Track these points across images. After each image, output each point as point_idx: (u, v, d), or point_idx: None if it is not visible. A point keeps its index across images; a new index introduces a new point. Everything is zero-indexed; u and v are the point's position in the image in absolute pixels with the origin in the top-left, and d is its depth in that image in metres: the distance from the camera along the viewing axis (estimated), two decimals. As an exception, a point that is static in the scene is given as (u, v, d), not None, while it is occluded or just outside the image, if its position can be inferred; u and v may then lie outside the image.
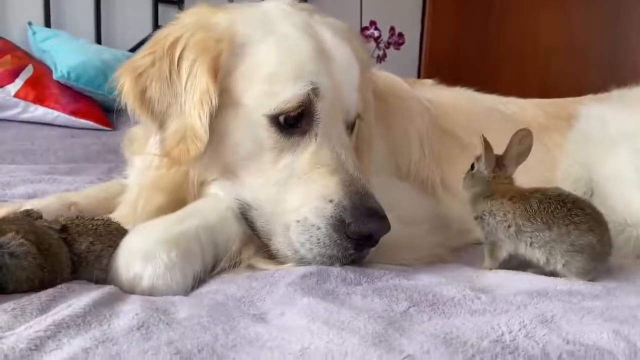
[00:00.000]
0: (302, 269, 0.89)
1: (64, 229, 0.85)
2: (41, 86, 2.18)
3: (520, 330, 0.67)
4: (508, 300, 0.79)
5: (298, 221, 0.90)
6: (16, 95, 2.13)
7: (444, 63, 3.57)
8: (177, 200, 0.99)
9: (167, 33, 1.00)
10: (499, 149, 1.32)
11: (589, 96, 1.46)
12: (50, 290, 0.76)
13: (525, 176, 1.04)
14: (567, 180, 1.30)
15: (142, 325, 0.67)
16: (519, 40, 3.40)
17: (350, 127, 1.02)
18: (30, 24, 2.47)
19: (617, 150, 1.26)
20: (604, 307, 0.76)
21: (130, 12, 2.84)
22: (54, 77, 2.21)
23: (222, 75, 0.94)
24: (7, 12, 2.53)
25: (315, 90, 0.93)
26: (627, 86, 1.45)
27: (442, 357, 0.59)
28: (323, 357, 0.59)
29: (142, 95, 0.96)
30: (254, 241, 0.95)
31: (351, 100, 0.99)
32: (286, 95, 0.92)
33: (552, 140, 1.35)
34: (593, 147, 1.29)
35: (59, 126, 2.16)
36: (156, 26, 2.90)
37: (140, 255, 0.83)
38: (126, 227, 0.93)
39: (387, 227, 0.90)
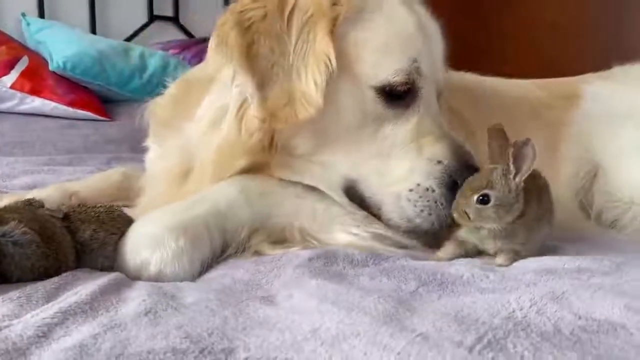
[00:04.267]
0: (309, 252, 0.88)
1: (66, 217, 0.84)
2: (37, 77, 2.16)
3: (531, 307, 0.67)
4: (517, 279, 0.79)
5: (411, 190, 0.91)
6: (12, 87, 2.11)
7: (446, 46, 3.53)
8: (259, 164, 0.96)
9: None
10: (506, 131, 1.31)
11: (591, 74, 1.44)
12: (55, 279, 0.75)
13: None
14: (568, 160, 1.29)
15: (149, 310, 0.66)
16: (518, 21, 3.37)
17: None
18: (24, 15, 2.44)
19: (622, 128, 1.24)
20: (614, 283, 0.75)
21: (125, 1, 2.81)
22: (50, 68, 2.19)
23: (336, 40, 0.91)
24: (1, 3, 2.50)
25: (418, 69, 0.94)
26: (629, 63, 1.43)
27: (454, 334, 0.58)
28: (334, 337, 0.58)
29: (249, 50, 0.90)
30: (264, 227, 0.93)
31: (442, 74, 1.02)
32: (395, 68, 0.92)
33: (555, 120, 1.33)
34: (597, 126, 1.28)
35: (57, 117, 2.14)
36: (151, 15, 2.88)
37: (148, 242, 0.82)
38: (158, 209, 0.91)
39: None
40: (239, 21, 0.91)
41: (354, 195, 0.96)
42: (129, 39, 2.75)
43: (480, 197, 0.84)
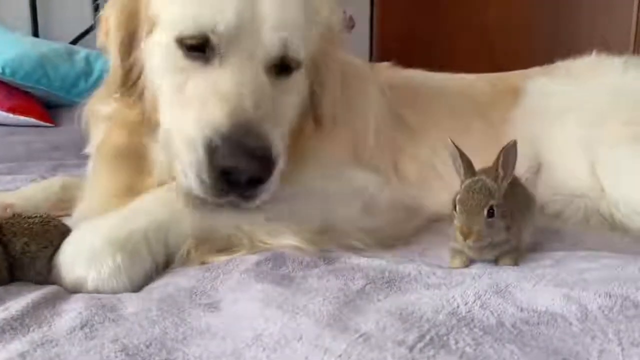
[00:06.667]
0: (256, 256, 0.86)
1: (-2, 229, 0.80)
2: (-26, 83, 2.06)
3: (475, 301, 0.67)
4: (463, 272, 0.80)
5: (187, 142, 0.87)
6: (-53, 94, 2.00)
7: (395, 44, 3.58)
8: (137, 141, 0.97)
9: None
10: (446, 127, 1.32)
11: (535, 69, 1.47)
12: (-17, 295, 0.71)
13: (472, 155, 1.03)
14: None
15: (85, 324, 0.64)
16: (466, 16, 3.45)
17: (276, 68, 0.96)
18: (-41, 18, 2.33)
19: (563, 124, 1.27)
20: (555, 273, 0.76)
21: (69, 2, 2.72)
22: (-12, 73, 2.09)
23: (144, 5, 0.95)
24: None
25: (213, 26, 0.89)
26: (571, 56, 1.47)
27: (397, 333, 0.58)
28: (276, 342, 0.57)
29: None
30: (209, 238, 0.90)
31: (275, 37, 0.93)
32: (186, 22, 0.90)
33: (498, 116, 1.35)
34: (539, 122, 1.30)
35: (-4, 125, 2.04)
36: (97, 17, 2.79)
37: (84, 257, 0.79)
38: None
39: (257, 169, 0.84)
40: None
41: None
42: (74, 42, 2.66)
43: (490, 211, 0.82)
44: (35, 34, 2.58)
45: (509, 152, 0.85)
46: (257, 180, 0.85)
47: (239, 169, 0.84)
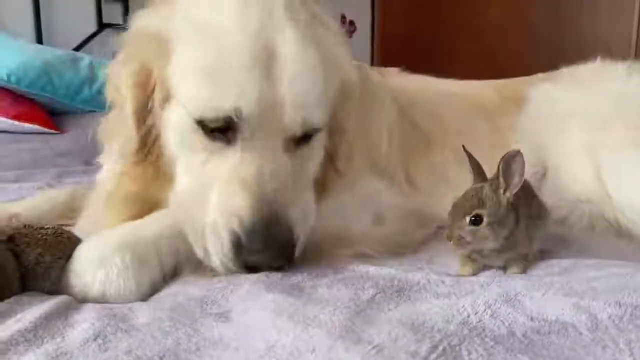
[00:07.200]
0: (267, 266, 0.87)
1: (11, 239, 0.81)
2: (-21, 91, 2.07)
3: (485, 311, 0.67)
4: (472, 281, 0.80)
5: (210, 224, 0.85)
6: (-48, 102, 2.01)
7: (396, 48, 3.60)
8: (150, 192, 0.95)
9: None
10: (455, 133, 1.33)
11: (540, 75, 1.48)
12: (-3, 305, 0.72)
13: (481, 162, 1.03)
14: None
15: (99, 335, 0.64)
16: (465, 20, 3.47)
17: (296, 141, 0.92)
18: (-37, 26, 2.34)
19: (567, 129, 1.28)
20: (564, 282, 0.77)
21: (73, 9, 2.73)
22: (-7, 81, 2.10)
23: (158, 71, 0.91)
24: (-63, 14, 2.39)
25: (238, 110, 0.85)
26: (573, 63, 1.48)
27: (410, 344, 0.58)
28: (289, 354, 0.57)
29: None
30: None
31: (296, 117, 0.89)
32: (209, 105, 0.86)
33: (504, 122, 1.36)
34: (544, 129, 1.31)
35: (2, 132, 2.04)
36: (100, 23, 2.81)
37: (94, 262, 0.80)
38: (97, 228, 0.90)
39: (282, 259, 0.84)
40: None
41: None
42: (78, 49, 2.67)
43: (473, 218, 0.83)
44: (40, 40, 2.59)
45: (509, 163, 0.84)
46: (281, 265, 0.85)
47: (265, 263, 0.84)
